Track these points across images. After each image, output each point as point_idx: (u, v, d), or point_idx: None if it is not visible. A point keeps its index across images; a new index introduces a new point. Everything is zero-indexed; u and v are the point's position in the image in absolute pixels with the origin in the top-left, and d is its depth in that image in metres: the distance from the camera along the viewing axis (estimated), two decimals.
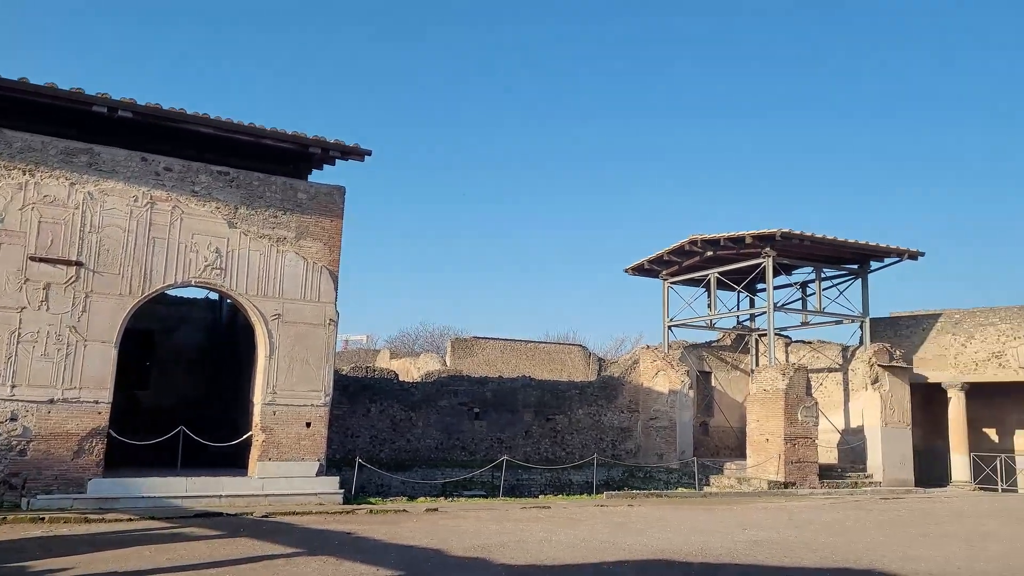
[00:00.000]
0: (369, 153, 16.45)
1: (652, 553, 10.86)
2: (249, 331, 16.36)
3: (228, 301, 18.65)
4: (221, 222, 15.46)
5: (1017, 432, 25.40)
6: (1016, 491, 23.69)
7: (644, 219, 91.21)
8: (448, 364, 31.52)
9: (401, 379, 24.05)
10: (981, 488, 24.00)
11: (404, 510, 15.12)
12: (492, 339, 33.84)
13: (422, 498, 17.75)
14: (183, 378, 20.39)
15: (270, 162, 16.63)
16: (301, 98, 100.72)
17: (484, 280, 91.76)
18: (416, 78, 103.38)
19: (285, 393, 15.61)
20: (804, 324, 26.57)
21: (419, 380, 24.42)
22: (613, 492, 19.56)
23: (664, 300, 27.64)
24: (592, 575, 9.44)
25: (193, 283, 15.39)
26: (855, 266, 25.48)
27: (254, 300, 15.63)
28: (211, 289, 16.12)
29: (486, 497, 18.96)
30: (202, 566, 9.23)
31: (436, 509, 15.42)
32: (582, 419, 24.18)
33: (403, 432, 21.33)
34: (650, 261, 26.90)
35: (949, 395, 25.04)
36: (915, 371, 25.36)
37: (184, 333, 20.97)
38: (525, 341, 34.65)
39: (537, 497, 19.46)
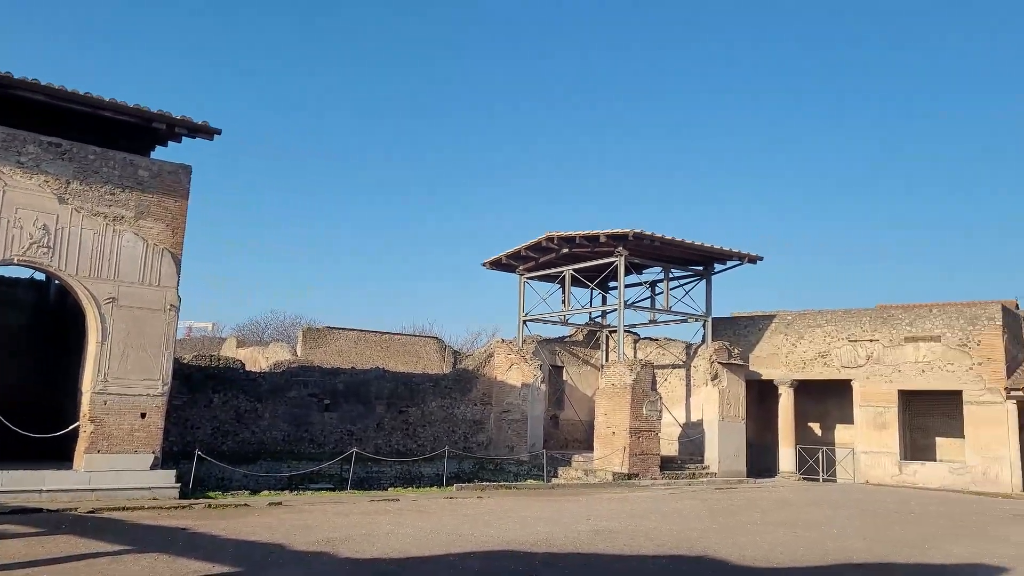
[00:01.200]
0: (219, 132, 15.70)
1: (498, 544, 10.95)
2: (80, 314, 15.23)
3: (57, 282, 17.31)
4: (50, 196, 14.31)
5: (838, 426, 27.47)
6: (835, 480, 25.61)
7: (503, 214, 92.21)
8: (299, 354, 30.65)
9: (248, 369, 23.11)
10: (805, 478, 25.81)
11: (246, 504, 14.55)
12: (345, 329, 33.21)
13: (266, 492, 17.14)
14: (4, 364, 18.72)
15: (111, 136, 15.54)
16: (158, 76, 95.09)
17: (339, 270, 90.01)
18: (281, 65, 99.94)
19: (118, 381, 14.64)
20: (652, 322, 27.66)
21: (267, 370, 23.57)
22: (463, 484, 19.63)
23: (520, 295, 28.01)
24: (438, 567, 9.40)
25: (16, 261, 14.15)
26: (700, 268, 26.75)
27: (86, 282, 14.56)
28: (37, 269, 14.87)
29: (334, 490, 18.56)
30: (16, 566, 8.50)
31: (280, 503, 14.93)
32: (435, 412, 24.11)
33: (248, 424, 20.51)
34: (508, 256, 27.20)
35: (780, 391, 26.78)
36: (751, 368, 26.93)
37: (5, 315, 19.24)
38: (380, 332, 34.23)
39: (387, 490, 19.25)
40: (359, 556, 9.75)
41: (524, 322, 27.79)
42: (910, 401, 25.55)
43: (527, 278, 28.00)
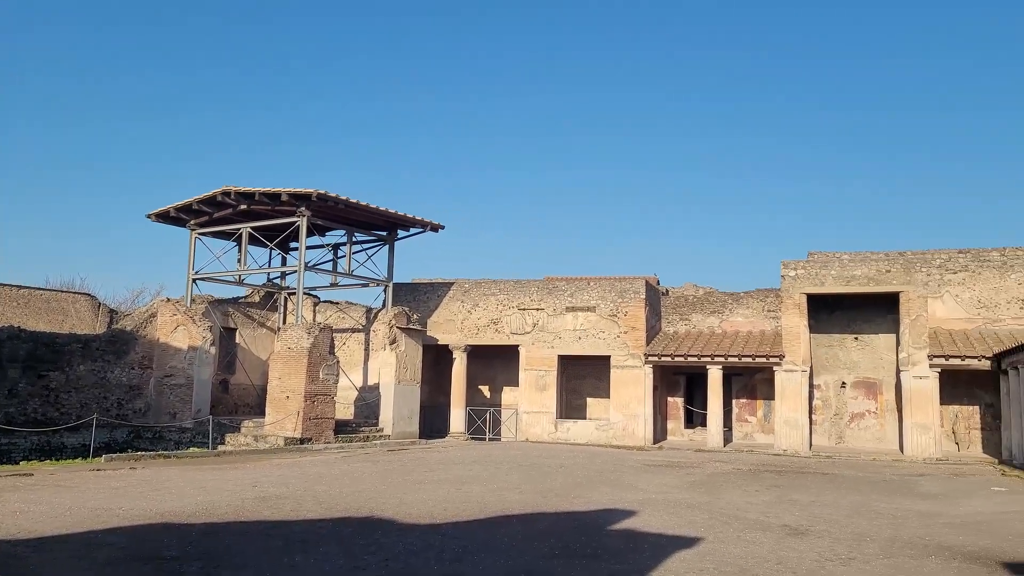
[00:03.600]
0: None
1: (151, 517, 10.04)
2: None
3: None
4: None
5: (505, 389, 29.36)
6: (500, 439, 27.36)
7: (173, 163, 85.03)
8: None
9: None
10: (473, 438, 27.26)
11: None
12: None
13: None
14: None
15: None
16: None
17: None
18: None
19: None
20: (334, 285, 27.25)
21: None
22: (114, 455, 17.82)
23: (191, 251, 26.00)
24: (77, 546, 8.36)
25: None
26: (385, 233, 26.84)
27: None
28: None
29: None
30: None
31: None
32: (84, 376, 21.62)
33: None
34: (177, 209, 25.06)
35: (454, 356, 27.92)
36: (429, 334, 27.73)
37: None
38: (17, 286, 29.82)
39: (19, 464, 16.88)
40: None
41: (194, 281, 25.88)
42: (567, 365, 28.02)
43: (199, 234, 26.06)
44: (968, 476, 18.40)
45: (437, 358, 29.15)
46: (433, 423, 28.50)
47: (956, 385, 24.28)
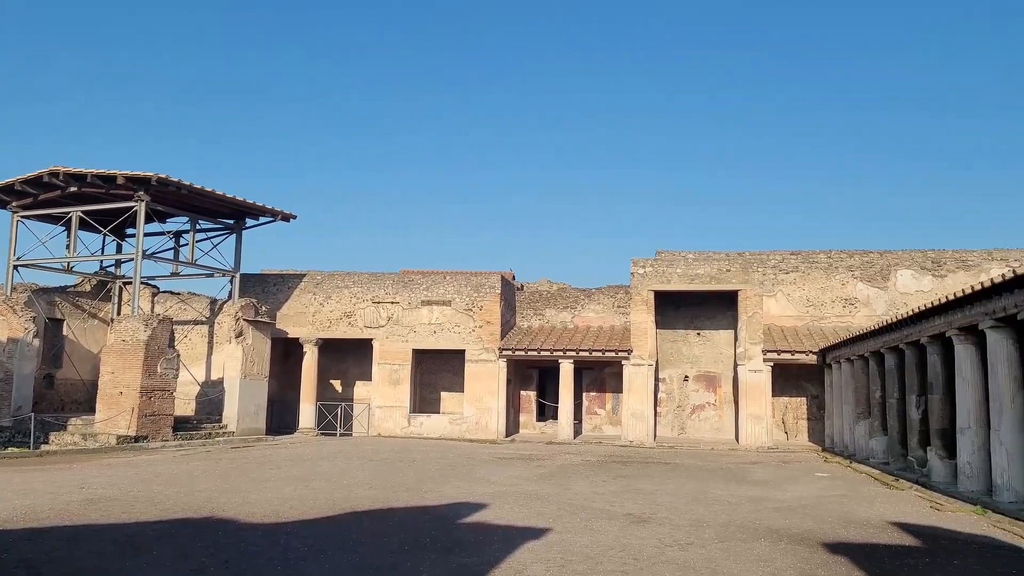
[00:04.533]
0: None
1: None
2: None
3: None
4: None
5: (358, 383, 28.83)
6: (351, 435, 26.82)
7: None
8: None
9: None
10: (323, 434, 26.60)
11: None
12: None
13: None
14: None
15: None
16: None
17: None
18: None
19: None
20: (175, 275, 25.83)
21: None
22: None
23: (12, 236, 23.88)
24: None
25: None
26: (232, 221, 25.70)
27: None
28: None
29: None
30: None
31: None
32: None
33: None
34: None
35: (305, 349, 27.13)
36: (278, 327, 26.81)
37: None
38: None
39: None
40: None
41: (15, 267, 23.80)
42: (422, 359, 27.85)
43: (22, 217, 23.99)
44: (795, 463, 19.71)
45: (287, 352, 28.25)
46: (282, 419, 27.60)
47: (786, 378, 26.00)
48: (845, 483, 15.46)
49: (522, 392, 28.79)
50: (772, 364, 24.60)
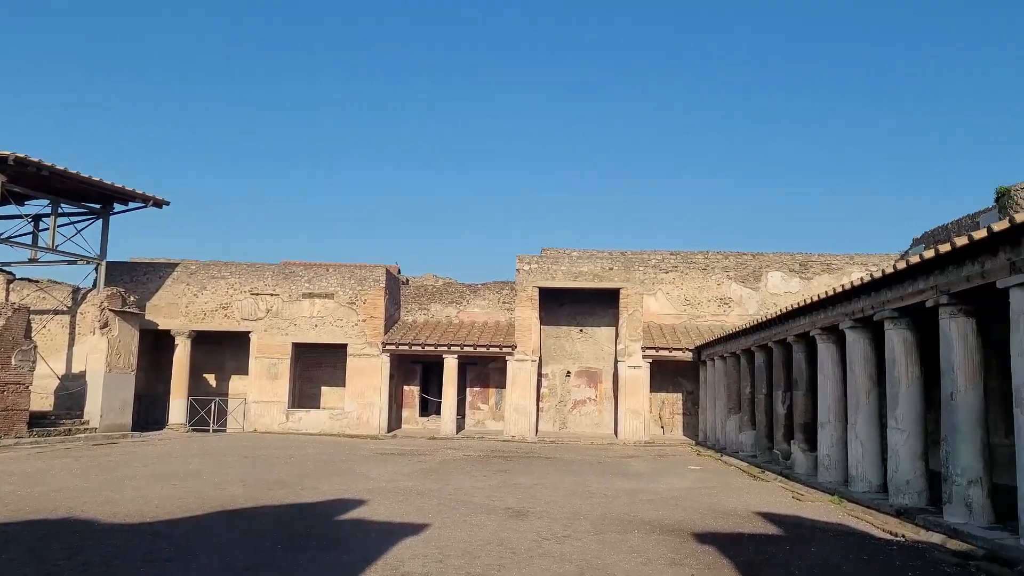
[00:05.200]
0: None
1: None
2: None
3: None
4: None
5: (234, 377, 27.80)
6: (225, 431, 25.85)
7: None
8: None
9: None
10: (195, 430, 25.52)
11: None
12: None
13: None
14: None
15: None
16: None
17: None
18: None
19: None
20: (33, 261, 24.13)
21: None
22: None
23: None
24: None
25: None
26: (98, 206, 24.27)
27: None
28: None
29: None
30: None
31: None
32: None
33: None
34: None
35: (177, 342, 25.95)
36: (148, 318, 25.54)
37: None
38: None
39: None
40: None
41: None
42: (303, 353, 27.16)
43: None
44: (670, 457, 20.36)
45: (157, 344, 26.96)
46: (150, 415, 26.32)
47: (664, 374, 26.84)
48: (716, 475, 16.08)
49: (405, 387, 28.54)
50: (651, 361, 25.32)
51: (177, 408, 25.58)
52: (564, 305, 27.84)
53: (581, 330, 28.06)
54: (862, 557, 8.18)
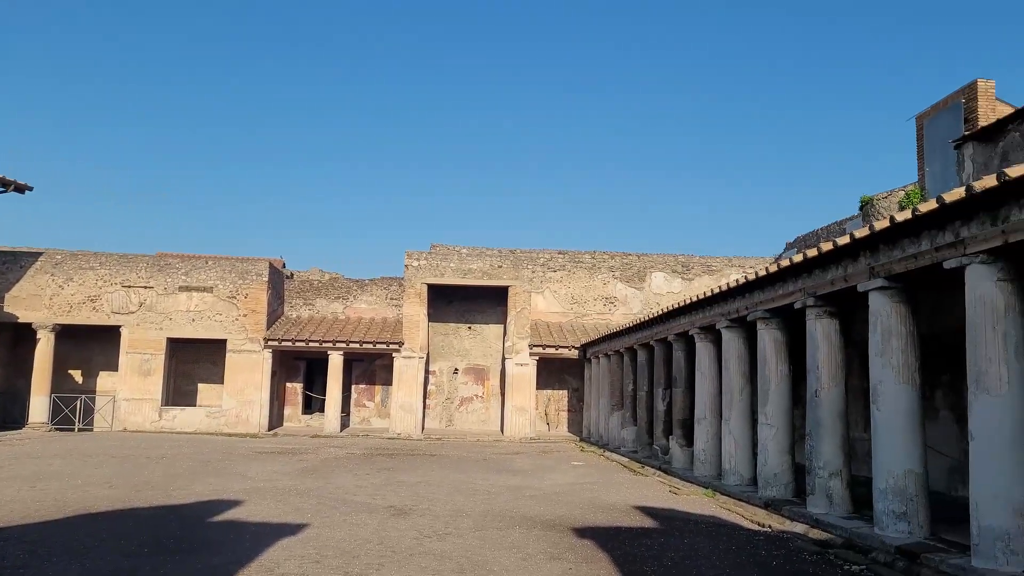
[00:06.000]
0: None
1: None
2: None
3: None
4: None
5: (102, 373, 26.33)
6: (92, 430, 24.46)
7: None
8: None
9: None
10: (59, 428, 24.04)
11: None
12: None
13: None
14: None
15: None
16: None
17: None
18: None
19: None
20: None
21: None
22: None
23: None
24: None
25: None
26: None
27: None
28: None
29: None
30: None
31: None
32: None
33: None
34: None
35: (39, 336, 24.39)
36: (7, 310, 23.95)
37: None
38: None
39: None
40: None
41: None
42: (179, 348, 26.03)
43: None
44: (554, 453, 20.64)
45: (18, 338, 25.27)
46: (10, 413, 24.66)
47: (550, 372, 27.18)
48: (598, 471, 16.40)
49: (288, 384, 27.79)
50: (538, 358, 25.60)
51: (39, 406, 24.02)
52: (453, 302, 27.78)
53: (469, 327, 28.08)
54: (731, 547, 8.50)
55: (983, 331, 6.93)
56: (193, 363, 26.69)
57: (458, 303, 27.85)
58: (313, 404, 27.74)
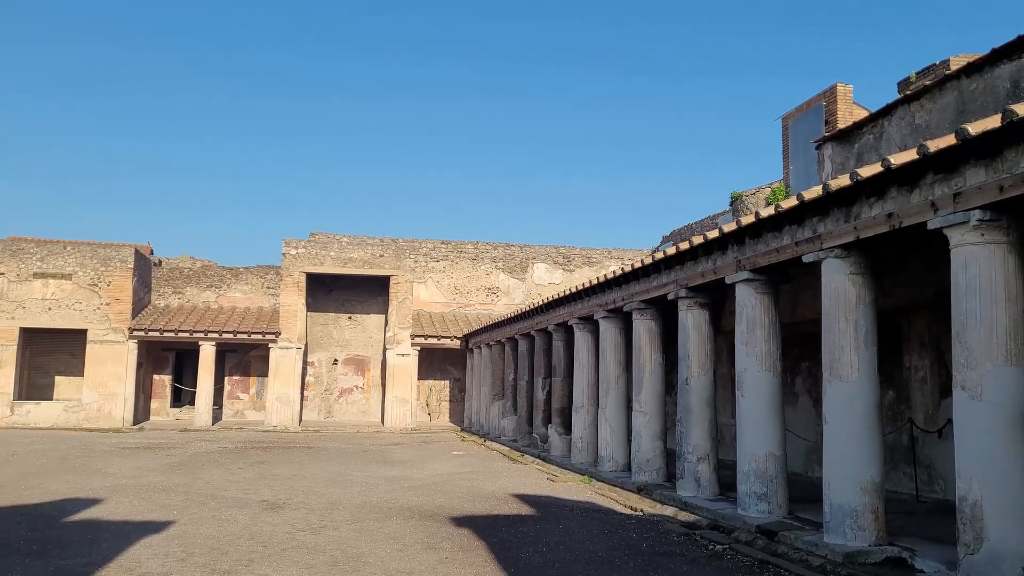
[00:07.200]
0: None
1: None
2: None
3: None
4: None
5: None
6: None
7: None
8: None
9: None
10: None
11: None
12: None
13: None
14: None
15: None
16: None
17: None
18: None
19: None
20: None
21: None
22: None
23: None
24: None
25: None
26: None
27: None
28: None
29: None
30: None
31: None
32: None
33: None
34: None
35: None
36: None
37: None
38: None
39: None
40: None
41: None
42: (33, 339, 24.41)
43: None
44: (435, 443, 20.60)
45: None
46: None
47: (432, 362, 27.11)
48: (478, 460, 16.47)
49: (155, 376, 26.53)
50: (420, 348, 25.46)
51: None
52: (333, 291, 27.25)
53: (350, 317, 27.61)
54: (603, 531, 8.71)
55: (837, 321, 7.36)
56: (49, 354, 25.07)
57: (338, 292, 27.34)
58: (183, 397, 26.63)
